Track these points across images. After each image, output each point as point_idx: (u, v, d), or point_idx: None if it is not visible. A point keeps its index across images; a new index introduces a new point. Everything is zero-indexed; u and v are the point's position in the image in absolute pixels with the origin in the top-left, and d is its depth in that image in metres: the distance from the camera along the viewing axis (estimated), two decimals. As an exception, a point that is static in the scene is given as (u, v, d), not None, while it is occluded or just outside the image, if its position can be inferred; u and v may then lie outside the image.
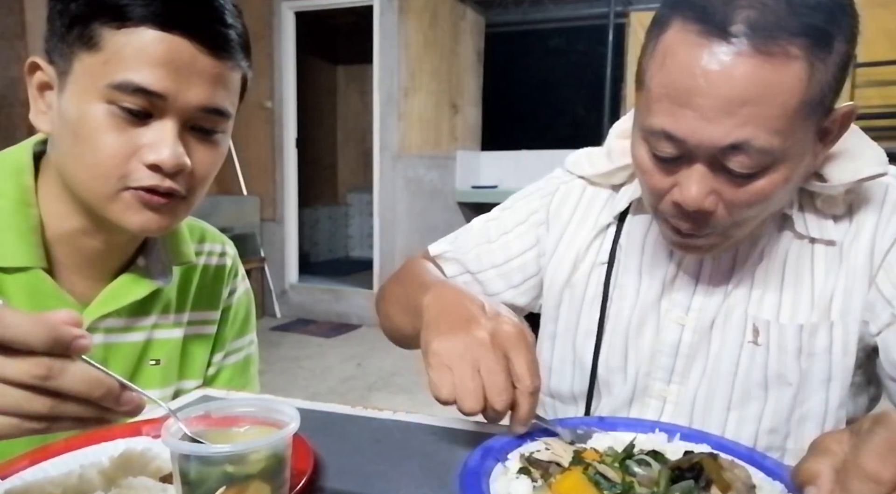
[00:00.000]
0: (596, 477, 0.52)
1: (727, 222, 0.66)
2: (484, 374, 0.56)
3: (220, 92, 0.69)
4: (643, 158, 0.68)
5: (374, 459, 0.64)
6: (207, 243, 0.91)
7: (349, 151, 7.50)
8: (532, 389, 0.57)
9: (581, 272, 0.85)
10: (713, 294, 0.76)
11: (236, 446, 0.48)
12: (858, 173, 0.69)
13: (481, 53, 6.00)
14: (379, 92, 4.84)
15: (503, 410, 0.56)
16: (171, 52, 0.64)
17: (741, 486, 0.51)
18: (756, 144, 0.59)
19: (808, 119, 0.60)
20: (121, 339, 0.78)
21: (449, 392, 0.56)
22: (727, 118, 0.59)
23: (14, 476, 0.57)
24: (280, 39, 5.10)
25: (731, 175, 0.62)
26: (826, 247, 0.73)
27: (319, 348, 4.44)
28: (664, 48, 0.63)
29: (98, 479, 0.56)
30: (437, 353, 0.58)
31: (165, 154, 0.66)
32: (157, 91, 0.64)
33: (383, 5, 4.74)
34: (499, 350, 0.57)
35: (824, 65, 0.59)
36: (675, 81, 0.61)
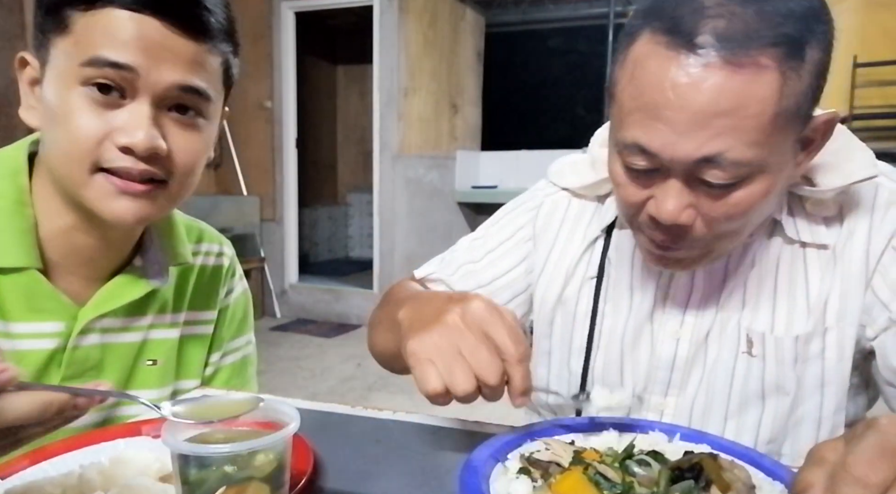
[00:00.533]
0: (596, 477, 0.52)
1: (707, 237, 0.65)
2: (466, 355, 0.54)
3: (195, 72, 0.68)
4: (618, 172, 0.67)
5: (374, 459, 0.64)
6: (205, 243, 0.90)
7: (349, 151, 7.49)
8: (519, 356, 0.55)
9: (572, 288, 0.84)
10: (707, 306, 0.75)
11: (236, 446, 0.48)
12: (849, 178, 0.68)
13: (481, 53, 6.00)
14: (379, 92, 4.84)
15: (497, 383, 0.54)
16: (140, 30, 0.64)
17: (741, 486, 0.51)
18: (730, 157, 0.58)
19: (784, 129, 0.59)
20: (117, 339, 0.78)
21: (437, 383, 0.54)
22: (699, 131, 0.57)
23: (14, 476, 0.57)
24: (280, 39, 5.10)
25: (707, 188, 0.61)
26: (818, 251, 0.72)
27: (319, 348, 4.44)
28: (633, 60, 0.61)
29: (98, 479, 0.56)
30: (414, 351, 0.56)
31: (139, 136, 0.65)
32: (127, 63, 0.63)
33: (383, 5, 4.74)
34: (475, 328, 0.55)
35: (797, 74, 0.57)
36: (645, 95, 0.60)
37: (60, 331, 0.73)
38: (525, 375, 0.55)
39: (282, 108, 5.16)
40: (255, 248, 5.24)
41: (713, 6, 0.57)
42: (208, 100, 0.70)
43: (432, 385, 0.54)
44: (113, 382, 0.77)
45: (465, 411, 0.62)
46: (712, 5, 0.57)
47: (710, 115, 0.57)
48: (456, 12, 5.52)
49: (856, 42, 4.35)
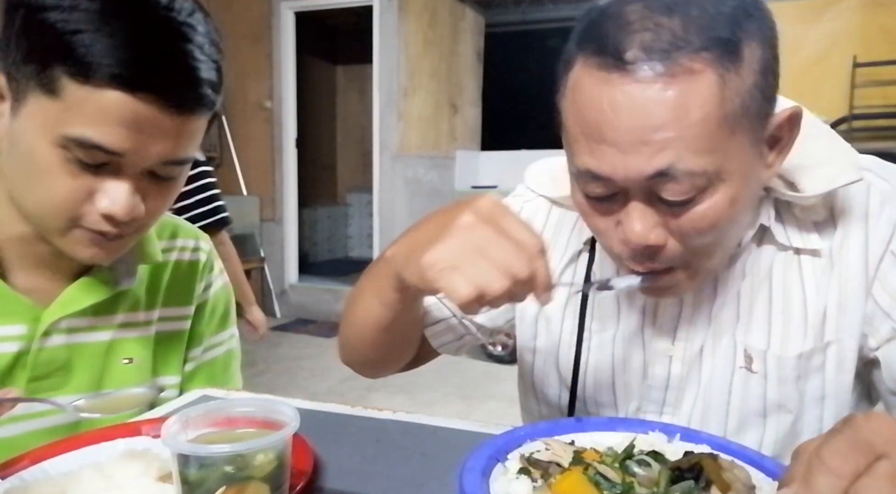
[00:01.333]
0: (596, 477, 0.52)
1: (683, 254, 0.62)
2: (491, 253, 0.51)
3: (182, 144, 0.66)
4: (581, 202, 0.65)
5: (374, 459, 0.64)
6: (180, 238, 0.88)
7: (349, 151, 7.50)
8: (539, 247, 0.53)
9: (557, 303, 0.80)
10: (698, 320, 0.72)
11: (236, 446, 0.48)
12: (832, 182, 0.65)
13: (481, 53, 6.00)
14: (379, 92, 4.84)
15: (530, 275, 0.51)
16: (135, 114, 0.61)
17: (741, 486, 0.51)
18: (681, 168, 0.55)
19: (735, 132, 0.57)
20: (86, 339, 0.77)
21: (468, 289, 0.50)
22: (644, 147, 0.56)
23: (14, 476, 0.57)
24: (280, 39, 5.10)
25: (668, 205, 0.58)
26: (813, 258, 0.69)
27: (319, 348, 4.44)
28: (572, 87, 0.60)
29: (98, 479, 0.56)
30: (433, 263, 0.53)
31: (121, 205, 0.64)
32: (116, 150, 0.62)
33: (383, 5, 4.75)
34: (492, 224, 0.53)
35: (737, 74, 0.55)
36: (585, 118, 0.58)
37: (23, 334, 0.72)
38: (547, 269, 0.53)
39: (282, 108, 5.16)
40: (255, 248, 5.24)
41: (637, 20, 0.56)
42: (189, 163, 0.70)
43: (464, 292, 0.51)
44: (84, 382, 0.76)
45: (464, 411, 0.61)
46: (636, 20, 0.56)
47: (650, 129, 0.55)
48: (456, 12, 5.52)
49: (856, 42, 4.36)
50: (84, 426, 0.75)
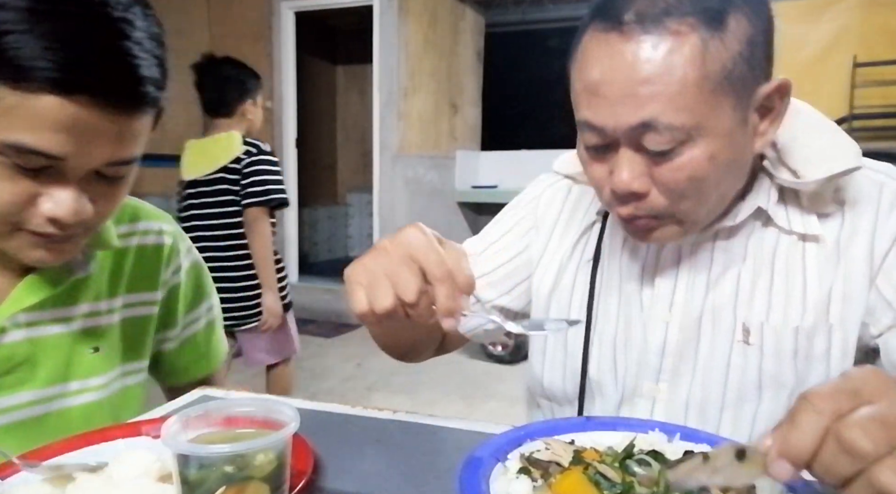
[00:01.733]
0: (596, 477, 0.52)
1: (666, 206, 0.68)
2: (388, 275, 0.57)
3: (126, 145, 0.64)
4: (582, 153, 0.73)
5: (374, 459, 0.64)
6: (142, 221, 0.85)
7: (349, 151, 7.50)
8: (439, 276, 0.56)
9: (569, 273, 0.85)
10: (695, 288, 0.76)
11: (235, 446, 0.48)
12: (831, 169, 0.69)
13: (481, 53, 6.00)
14: (379, 92, 4.84)
15: (413, 299, 0.56)
16: (73, 118, 0.58)
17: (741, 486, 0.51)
18: (663, 121, 0.62)
19: (715, 93, 0.62)
20: (48, 331, 0.75)
21: (362, 303, 0.57)
22: (631, 100, 0.63)
23: (14, 476, 0.57)
24: (280, 39, 5.10)
25: (652, 155, 0.65)
26: (818, 246, 0.72)
27: (319, 348, 4.44)
28: (580, 51, 0.68)
29: (98, 479, 0.56)
30: (347, 276, 0.59)
31: (66, 209, 0.62)
32: (56, 155, 0.59)
33: (383, 5, 4.75)
34: (400, 251, 0.58)
35: (721, 41, 0.62)
36: (588, 77, 0.66)
37: None
38: (447, 294, 0.57)
39: (282, 108, 5.16)
40: (255, 248, 5.23)
41: None
42: (136, 162, 0.68)
43: (358, 306, 0.57)
44: (51, 374, 0.74)
45: (465, 411, 0.61)
46: None
47: (638, 82, 0.62)
48: (456, 12, 5.53)
49: (856, 42, 4.36)
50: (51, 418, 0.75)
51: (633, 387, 0.79)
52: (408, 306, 0.57)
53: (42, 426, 0.74)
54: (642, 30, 0.62)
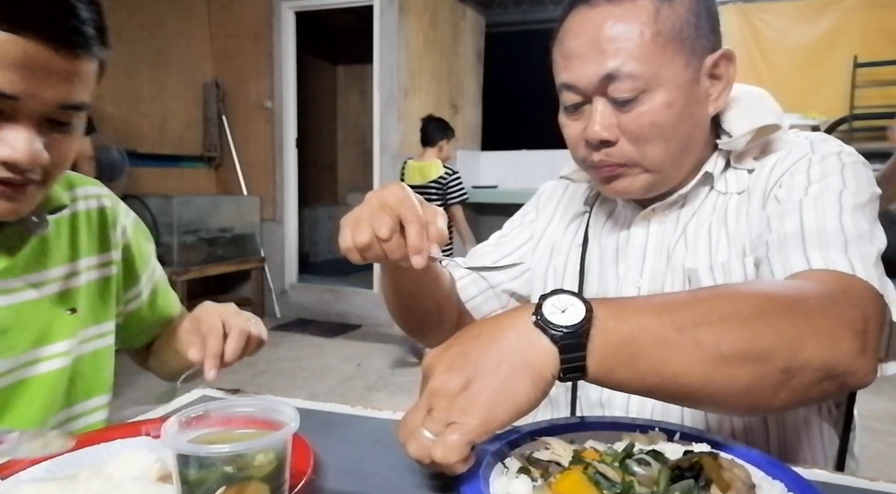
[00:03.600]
0: (596, 477, 0.52)
1: (633, 151, 0.77)
2: (369, 217, 0.68)
3: (76, 88, 0.68)
4: (561, 117, 0.83)
5: (374, 459, 0.64)
6: (79, 187, 0.89)
7: (349, 151, 7.50)
8: (409, 217, 0.67)
9: (561, 254, 0.95)
10: (660, 254, 0.85)
11: (235, 446, 0.48)
12: (755, 124, 0.79)
13: (481, 53, 6.00)
14: (379, 92, 4.84)
15: (386, 235, 0.66)
16: (23, 54, 0.62)
17: (741, 486, 0.51)
18: (624, 70, 0.73)
19: (668, 48, 0.74)
20: (25, 297, 0.78)
21: (347, 239, 0.68)
22: (597, 55, 0.75)
23: (14, 476, 0.57)
24: (280, 39, 5.10)
25: (619, 106, 0.75)
26: (738, 195, 0.82)
27: (319, 348, 4.44)
28: (560, 31, 0.80)
29: (98, 479, 0.56)
30: (341, 222, 0.70)
31: (21, 152, 0.65)
32: (9, 93, 0.63)
33: (383, 5, 4.74)
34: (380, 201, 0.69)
35: (670, 7, 0.74)
36: (565, 45, 0.78)
37: None
38: (416, 233, 0.67)
39: (282, 108, 5.16)
40: (255, 248, 5.24)
41: None
42: (85, 109, 0.71)
43: (343, 242, 0.69)
44: (31, 339, 0.77)
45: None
46: None
47: (603, 40, 0.74)
48: (456, 12, 5.52)
49: (856, 42, 4.36)
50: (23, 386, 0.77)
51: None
52: (382, 242, 0.67)
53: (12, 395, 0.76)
54: (607, 1, 0.75)
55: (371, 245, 0.67)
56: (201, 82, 5.22)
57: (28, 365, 0.77)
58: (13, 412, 0.75)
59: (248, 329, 0.80)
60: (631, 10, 0.74)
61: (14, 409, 0.76)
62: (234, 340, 0.78)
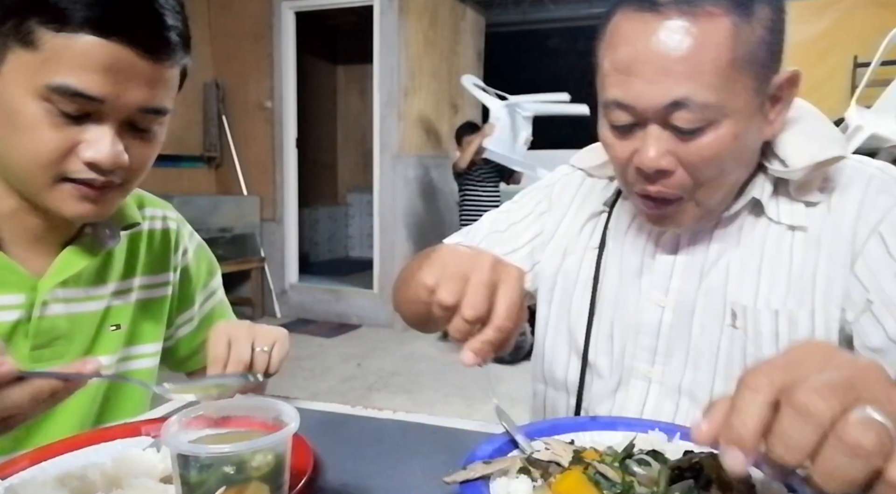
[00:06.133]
0: (596, 477, 0.52)
1: (690, 184, 0.70)
2: (469, 284, 0.55)
3: (159, 92, 0.70)
4: (606, 133, 0.74)
5: (374, 459, 0.64)
6: (148, 208, 0.91)
7: (349, 151, 7.50)
8: (501, 324, 0.55)
9: (574, 257, 0.89)
10: (690, 276, 0.79)
11: (236, 446, 0.48)
12: (815, 157, 0.71)
13: (481, 53, 6.00)
14: (379, 92, 4.84)
15: (471, 318, 0.55)
16: (111, 57, 0.64)
17: (741, 486, 0.51)
18: (695, 99, 0.65)
19: (741, 74, 0.66)
20: (82, 308, 0.80)
21: (432, 278, 0.56)
22: (666, 78, 0.65)
23: (14, 476, 0.57)
24: (280, 39, 5.10)
25: (680, 133, 0.67)
26: (804, 235, 0.74)
27: (319, 348, 4.44)
28: (610, 31, 0.70)
29: (99, 480, 0.56)
30: (440, 252, 0.59)
31: (104, 153, 0.67)
32: (96, 96, 0.65)
33: (383, 5, 4.74)
34: (493, 275, 0.56)
35: (749, 25, 0.65)
36: (619, 56, 0.68)
37: (22, 303, 0.74)
38: (491, 340, 0.55)
39: (282, 108, 5.16)
40: (255, 248, 5.24)
41: None
42: (166, 114, 0.73)
43: (428, 278, 0.56)
44: (80, 350, 0.79)
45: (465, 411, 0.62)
46: None
47: (673, 61, 0.65)
48: (456, 12, 5.52)
49: (856, 42, 4.36)
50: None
51: (629, 369, 0.81)
52: (460, 317, 0.55)
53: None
54: (678, 10, 0.65)
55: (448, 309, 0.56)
56: (201, 82, 5.22)
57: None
58: (47, 422, 0.76)
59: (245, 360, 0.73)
60: (708, 28, 0.64)
61: (49, 420, 0.77)
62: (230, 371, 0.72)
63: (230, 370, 0.72)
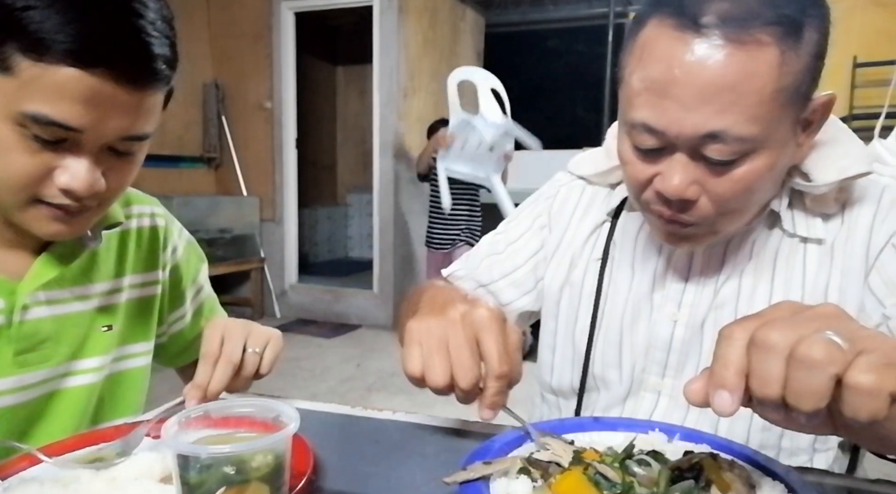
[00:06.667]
0: (596, 477, 0.52)
1: (712, 214, 0.66)
2: (451, 350, 0.55)
3: (140, 120, 0.67)
4: (626, 151, 0.70)
5: (374, 459, 0.64)
6: (135, 205, 0.89)
7: (349, 151, 7.49)
8: (498, 372, 0.55)
9: (578, 270, 0.87)
10: (704, 290, 0.77)
11: (236, 447, 0.48)
12: (843, 173, 0.69)
13: (481, 53, 6.00)
14: (379, 92, 4.84)
15: (468, 388, 0.55)
16: (91, 90, 0.61)
17: (741, 486, 0.51)
18: (733, 132, 0.60)
19: (785, 107, 0.61)
20: (69, 309, 0.78)
21: (415, 367, 0.56)
22: (705, 106, 0.60)
23: (14, 477, 0.57)
24: (280, 39, 5.10)
25: (710, 164, 0.63)
26: (818, 247, 0.73)
27: (319, 348, 4.44)
28: (642, 44, 0.64)
29: (99, 480, 0.56)
30: (409, 330, 0.58)
31: (80, 181, 0.65)
32: (74, 127, 0.62)
33: (383, 5, 4.74)
34: (469, 330, 0.56)
35: (796, 53, 0.61)
36: (652, 75, 0.63)
37: (1, 308, 0.72)
38: (498, 391, 0.56)
39: (282, 108, 5.16)
40: (255, 248, 5.24)
41: None
42: (148, 139, 0.70)
43: (410, 367, 0.56)
44: (68, 352, 0.77)
45: (465, 411, 0.62)
46: None
47: (714, 90, 0.59)
48: (456, 12, 5.52)
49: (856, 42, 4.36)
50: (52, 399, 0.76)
51: (639, 381, 0.80)
52: (458, 390, 0.56)
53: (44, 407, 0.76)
54: (723, 34, 0.59)
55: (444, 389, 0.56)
56: (201, 83, 5.22)
57: (62, 378, 0.77)
58: (43, 423, 0.76)
59: (234, 360, 0.73)
60: (755, 55, 0.59)
61: (43, 421, 0.76)
62: (219, 369, 0.72)
63: (220, 367, 0.72)
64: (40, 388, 0.75)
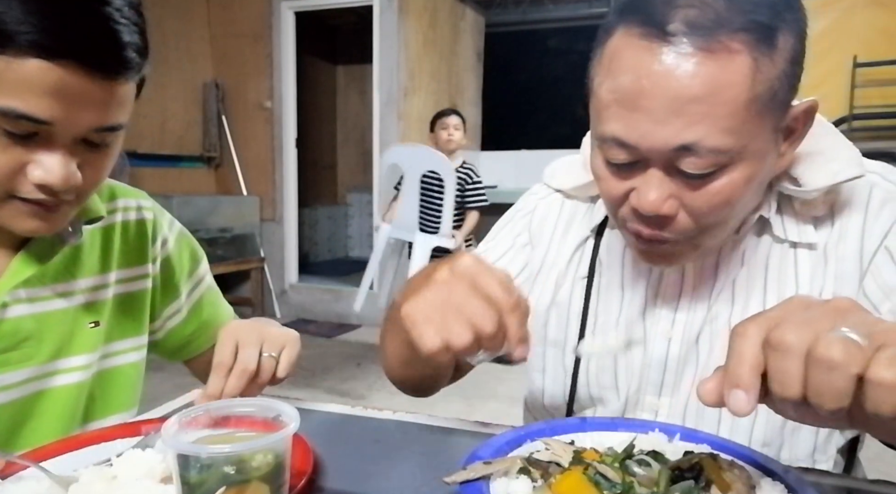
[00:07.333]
0: (596, 477, 0.52)
1: (692, 229, 0.64)
2: (460, 307, 0.52)
3: (112, 111, 0.65)
4: (599, 166, 0.67)
5: (374, 459, 0.64)
6: (120, 199, 0.87)
7: (349, 151, 7.49)
8: (511, 304, 0.53)
9: (564, 289, 0.83)
10: (697, 305, 0.75)
11: (236, 447, 0.48)
12: (834, 177, 0.67)
13: (481, 53, 6.00)
14: (379, 92, 4.84)
15: (494, 330, 0.52)
16: (60, 82, 0.59)
17: (741, 486, 0.51)
18: (707, 144, 0.58)
19: (760, 115, 0.59)
20: (51, 306, 0.76)
21: (434, 340, 0.51)
22: (675, 118, 0.58)
23: (14, 477, 0.57)
24: (280, 39, 5.10)
25: (686, 178, 0.61)
26: (809, 251, 0.71)
27: (319, 348, 4.44)
28: (609, 54, 0.62)
29: (99, 480, 0.56)
30: (408, 314, 0.54)
31: (55, 175, 0.63)
32: (44, 120, 0.60)
33: (383, 5, 4.74)
34: (465, 281, 0.53)
35: (770, 60, 0.58)
36: (621, 86, 0.60)
37: None
38: (521, 322, 0.53)
39: (282, 108, 5.16)
40: (255, 248, 5.24)
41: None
42: (121, 129, 0.69)
43: (430, 343, 0.52)
44: (53, 349, 0.75)
45: (465, 411, 0.62)
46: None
47: (685, 101, 0.57)
48: (456, 12, 5.52)
49: (856, 42, 4.35)
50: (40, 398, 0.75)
51: (634, 401, 0.79)
52: (485, 339, 0.52)
53: (31, 407, 0.75)
54: (691, 42, 0.56)
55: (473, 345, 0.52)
56: (201, 82, 5.22)
57: (47, 377, 0.76)
58: (31, 424, 0.74)
59: (250, 368, 0.72)
60: (726, 64, 0.56)
61: (32, 421, 0.75)
62: (232, 380, 0.71)
63: (234, 377, 0.71)
64: (25, 387, 0.74)
